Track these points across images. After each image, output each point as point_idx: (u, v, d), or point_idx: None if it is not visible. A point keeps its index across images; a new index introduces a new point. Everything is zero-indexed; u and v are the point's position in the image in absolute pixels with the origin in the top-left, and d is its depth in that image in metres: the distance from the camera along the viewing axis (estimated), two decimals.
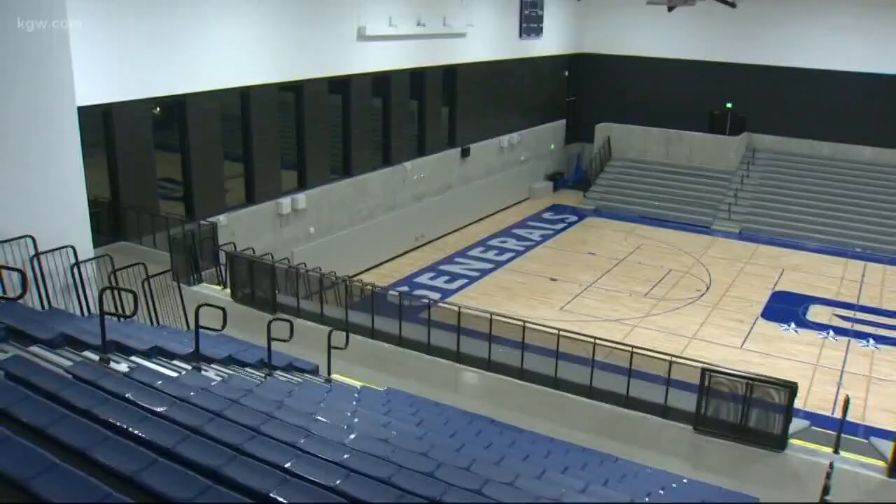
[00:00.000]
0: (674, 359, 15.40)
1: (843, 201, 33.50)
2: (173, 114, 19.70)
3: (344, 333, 14.14)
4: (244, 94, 20.81)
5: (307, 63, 22.38)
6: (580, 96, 40.06)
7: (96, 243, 13.45)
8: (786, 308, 24.36)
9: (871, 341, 22.26)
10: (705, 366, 15.16)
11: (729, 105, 37.35)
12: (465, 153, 30.36)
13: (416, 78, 27.43)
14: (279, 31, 21.18)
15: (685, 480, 12.52)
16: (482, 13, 30.29)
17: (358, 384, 13.55)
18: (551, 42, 36.32)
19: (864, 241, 31.34)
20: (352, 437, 7.68)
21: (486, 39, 30.91)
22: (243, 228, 20.80)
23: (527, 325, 15.95)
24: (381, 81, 25.75)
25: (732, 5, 32.30)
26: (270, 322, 12.24)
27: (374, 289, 17.84)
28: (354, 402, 11.14)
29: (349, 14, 23.60)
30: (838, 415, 15.78)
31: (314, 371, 13.43)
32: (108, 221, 18.31)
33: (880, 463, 14.87)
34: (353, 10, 23.68)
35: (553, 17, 36.05)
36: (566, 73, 38.93)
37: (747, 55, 36.05)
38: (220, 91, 19.94)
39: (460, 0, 28.43)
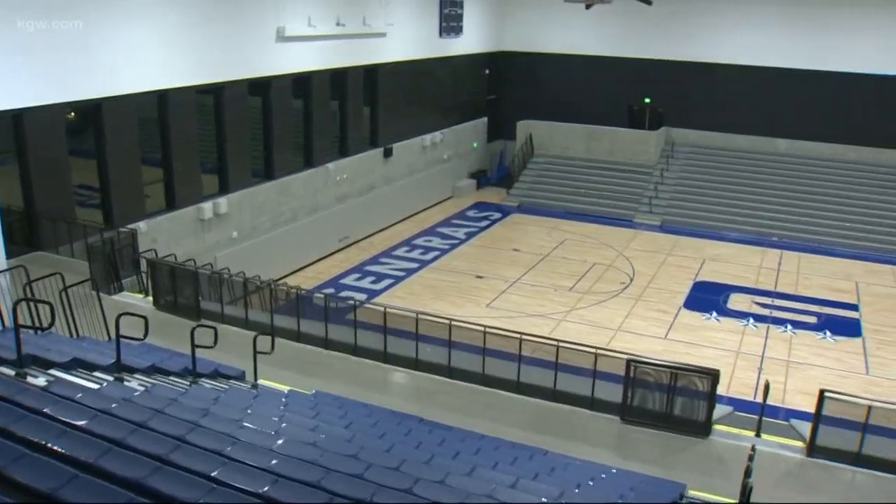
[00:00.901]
0: (599, 351, 15.63)
1: (760, 192, 34.43)
2: (88, 118, 19.24)
3: (269, 338, 14.00)
4: (161, 98, 20.43)
5: (226, 65, 22.08)
6: (501, 94, 40.35)
7: (10, 254, 13.10)
8: (707, 297, 24.92)
9: (789, 327, 22.91)
10: (630, 357, 15.42)
11: (647, 100, 38.03)
12: (388, 153, 30.32)
13: (337, 78, 27.28)
14: (196, 33, 20.85)
15: (614, 470, 12.67)
16: (402, 13, 30.29)
17: (285, 388, 13.43)
18: (471, 41, 36.50)
19: (781, 231, 32.26)
20: (279, 442, 7.62)
21: (407, 39, 30.91)
22: (164, 235, 20.45)
23: (453, 323, 16.02)
24: (301, 82, 25.55)
25: (648, 3, 32.84)
26: (194, 329, 12.05)
27: (299, 292, 17.72)
28: (282, 407, 11.05)
29: (268, 15, 23.37)
30: (760, 399, 16.20)
31: (240, 377, 13.28)
32: (22, 231, 17.83)
33: (800, 443, 15.31)
34: (272, 11, 23.45)
35: (473, 16, 36.24)
36: (487, 72, 39.16)
37: (664, 51, 36.78)
38: (136, 95, 19.53)
39: (379, 0, 28.38)
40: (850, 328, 23.23)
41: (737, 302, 24.78)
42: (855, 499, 14.65)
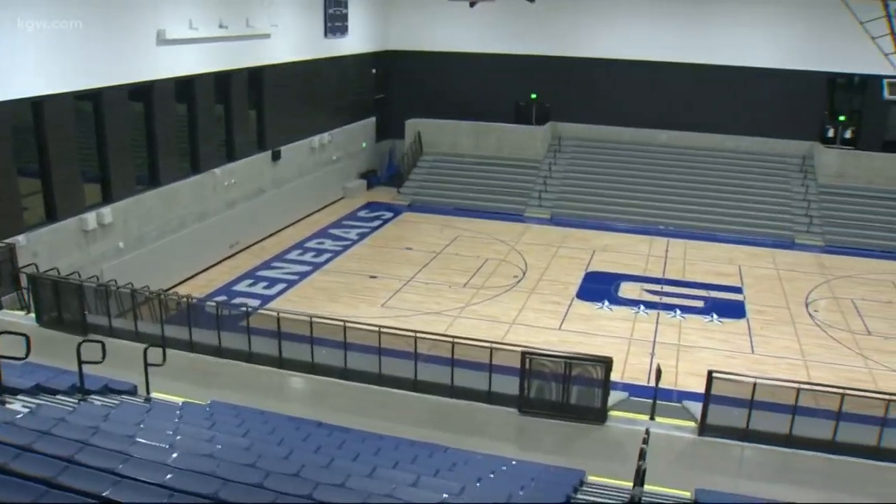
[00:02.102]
0: (494, 345, 15.82)
1: (646, 183, 35.41)
2: None
3: (161, 349, 13.72)
4: (36, 105, 19.67)
5: (104, 70, 21.39)
6: (389, 93, 40.36)
7: None
8: (599, 287, 25.47)
9: (678, 312, 23.65)
10: (525, 349, 15.66)
11: (533, 96, 38.62)
12: (276, 156, 29.97)
13: (222, 81, 26.80)
14: (72, 37, 20.14)
15: (514, 462, 12.86)
16: (286, 13, 29.95)
17: (179, 400, 13.18)
18: (357, 40, 36.39)
19: (667, 219, 33.25)
20: (174, 456, 7.49)
21: (292, 40, 30.59)
22: (45, 248, 19.73)
23: (347, 324, 15.98)
24: (184, 86, 24.99)
25: (531, 0, 33.41)
26: (80, 344, 11.72)
27: (190, 300, 17.40)
28: (176, 420, 10.84)
29: (147, 18, 22.74)
30: (653, 384, 16.67)
31: (132, 391, 12.98)
32: None
33: (692, 423, 15.84)
34: (151, 14, 22.86)
35: (358, 16, 36.12)
36: (374, 71, 39.10)
37: (549, 47, 37.38)
38: (8, 102, 18.73)
39: (261, 0, 27.98)
40: (734, 310, 24.11)
41: (627, 290, 25.42)
42: (744, 472, 15.26)
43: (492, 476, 11.29)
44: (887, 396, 15.21)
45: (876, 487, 14.54)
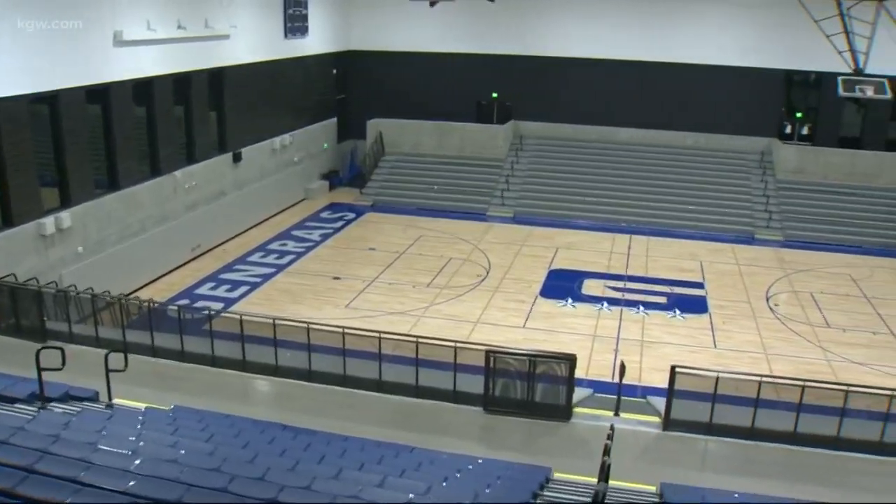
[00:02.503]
0: (458, 345, 15.85)
1: (607, 180, 35.66)
2: None
3: (122, 355, 13.57)
4: None
5: (61, 72, 21.07)
6: (350, 94, 40.22)
7: None
8: (562, 285, 25.59)
9: (641, 308, 23.83)
10: (489, 348, 15.71)
11: (495, 95, 38.72)
12: (237, 158, 29.77)
13: (181, 83, 26.53)
14: (26, 39, 19.81)
15: (480, 461, 12.88)
16: (245, 14, 29.74)
17: (142, 406, 13.04)
18: (318, 41, 36.24)
19: (629, 216, 33.49)
20: (137, 462, 7.41)
21: (252, 40, 30.39)
22: (2, 254, 19.38)
23: (311, 326, 15.93)
24: (143, 88, 24.70)
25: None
26: (39, 351, 11.57)
27: (151, 305, 17.24)
28: (139, 426, 10.72)
29: (104, 19, 22.46)
30: (617, 380, 16.80)
31: (94, 398, 12.81)
32: None
33: (656, 419, 15.99)
34: (109, 15, 22.57)
35: (318, 16, 35.96)
36: (335, 72, 38.95)
37: (510, 46, 37.50)
38: None
39: (220, 1, 27.76)
40: (697, 305, 24.35)
41: (590, 287, 25.57)
42: (708, 465, 15.43)
43: (458, 475, 11.30)
44: (846, 387, 15.46)
45: (836, 477, 14.76)
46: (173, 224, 25.90)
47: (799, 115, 36.93)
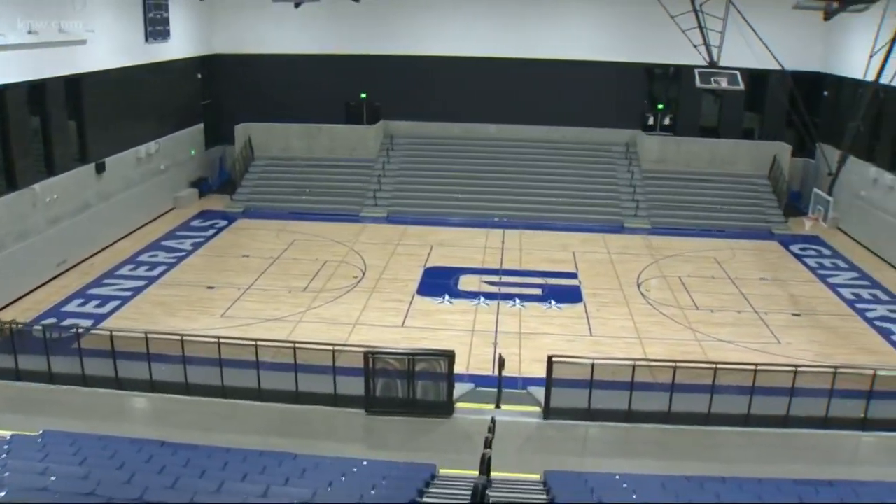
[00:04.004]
0: (336, 348, 15.81)
1: (479, 176, 36.07)
2: None
3: None
4: None
5: None
6: (217, 98, 39.34)
7: None
8: (438, 282, 25.75)
9: (518, 301, 24.20)
10: (367, 349, 15.73)
11: (363, 95, 38.64)
12: (101, 168, 28.74)
13: (36, 91, 25.40)
14: None
15: (364, 463, 12.88)
16: (103, 18, 28.59)
17: (7, 433, 12.48)
18: (181, 44, 35.29)
19: (501, 211, 33.96)
20: (2, 494, 7.11)
21: (111, 45, 29.33)
22: None
23: (185, 338, 15.59)
24: None
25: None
26: None
27: (14, 326, 16.52)
28: (4, 455, 10.28)
29: None
30: (497, 373, 17.05)
31: None
32: None
33: (536, 408, 16.32)
34: None
35: (179, 19, 35.01)
36: (199, 76, 38.06)
37: (376, 46, 37.40)
38: None
39: (73, 4, 26.66)
40: (571, 295, 24.90)
41: (467, 283, 25.82)
42: (589, 450, 15.88)
43: (343, 479, 11.29)
44: (715, 365, 16.17)
45: (706, 452, 15.43)
46: (35, 240, 24.81)
47: (660, 106, 38.31)
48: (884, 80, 23.60)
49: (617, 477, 12.83)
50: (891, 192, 29.27)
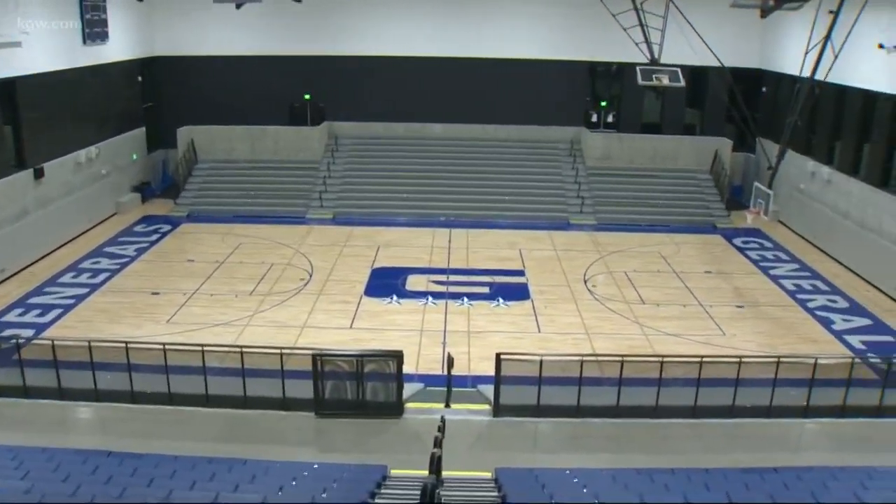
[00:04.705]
0: (284, 351, 15.70)
1: (425, 176, 36.11)
2: None
3: None
4: None
5: None
6: (159, 101, 38.76)
7: None
8: (386, 283, 25.70)
9: (465, 300, 24.25)
10: (315, 351, 15.65)
11: (307, 97, 38.40)
12: (39, 174, 28.16)
13: None
14: None
15: (315, 466, 12.84)
16: (37, 19, 27.97)
17: None
18: (120, 47, 34.68)
19: (447, 210, 34.00)
20: None
21: (47, 48, 28.72)
22: None
23: (130, 345, 15.36)
24: None
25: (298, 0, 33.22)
26: None
27: None
28: None
29: None
30: (447, 372, 17.08)
31: None
32: None
33: (486, 406, 16.40)
34: None
35: (119, 21, 34.38)
36: (140, 79, 37.47)
37: (320, 46, 37.23)
38: None
39: (6, 5, 25.99)
40: (519, 293, 25.02)
41: (414, 283, 25.80)
42: (539, 446, 15.99)
43: (293, 483, 11.22)
44: (661, 359, 16.40)
45: (655, 444, 15.63)
46: None
47: (604, 104, 38.66)
48: (819, 76, 24.10)
49: (568, 472, 12.93)
50: (828, 185, 29.92)
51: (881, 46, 25.84)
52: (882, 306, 24.47)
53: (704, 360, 16.29)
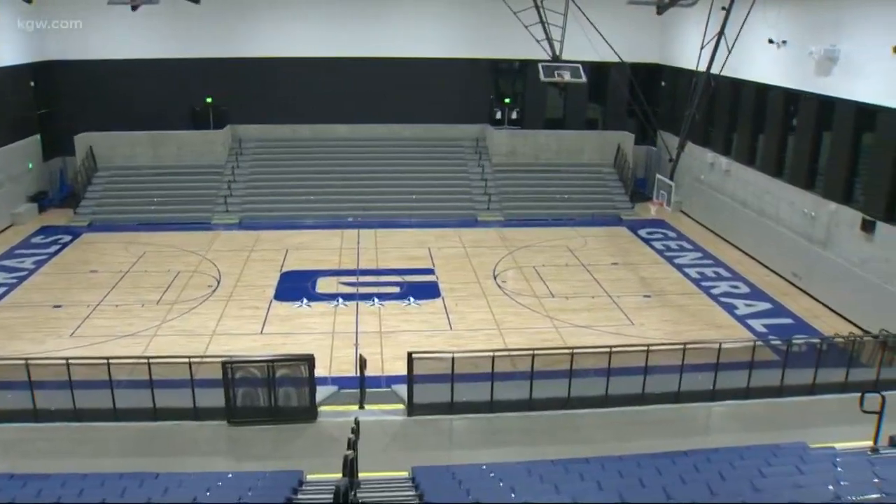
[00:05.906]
0: (193, 360, 15.43)
1: (331, 177, 35.91)
2: None
3: None
4: None
5: None
6: (54, 107, 37.51)
7: None
8: (296, 286, 25.48)
9: (376, 300, 24.21)
10: (225, 359, 15.42)
11: (209, 100, 37.74)
12: None
13: None
14: None
15: (230, 475, 12.67)
16: None
17: None
18: (8, 51, 33.45)
19: (355, 211, 33.88)
20: None
21: None
22: None
23: (31, 362, 14.88)
24: None
25: (196, 1, 32.57)
26: None
27: None
28: None
29: None
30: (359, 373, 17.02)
31: None
32: None
33: (400, 406, 16.42)
34: None
35: (4, 25, 33.21)
36: (33, 84, 36.23)
37: (219, 49, 36.61)
38: None
39: None
40: (429, 291, 25.10)
41: (324, 285, 25.64)
42: (455, 442, 16.07)
43: (207, 493, 11.05)
44: (572, 350, 16.68)
45: (569, 434, 15.90)
46: None
47: (507, 101, 39.05)
48: (715, 70, 24.77)
49: (484, 467, 13.03)
50: (727, 176, 30.81)
51: (771, 41, 26.76)
52: (781, 290, 25.37)
53: (614, 349, 16.59)
